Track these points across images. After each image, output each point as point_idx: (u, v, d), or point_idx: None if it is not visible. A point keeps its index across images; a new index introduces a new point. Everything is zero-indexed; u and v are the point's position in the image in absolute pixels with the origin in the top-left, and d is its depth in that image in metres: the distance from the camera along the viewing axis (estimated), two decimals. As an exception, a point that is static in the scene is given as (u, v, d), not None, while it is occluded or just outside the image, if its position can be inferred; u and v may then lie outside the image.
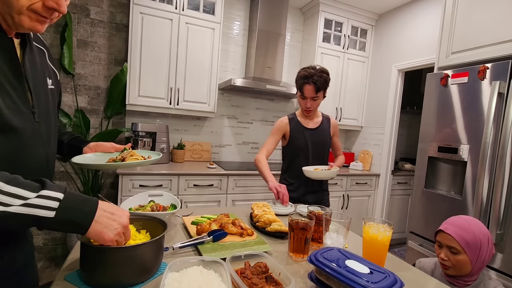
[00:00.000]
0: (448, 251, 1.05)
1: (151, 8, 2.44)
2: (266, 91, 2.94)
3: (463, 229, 1.04)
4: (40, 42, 0.83)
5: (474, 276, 1.05)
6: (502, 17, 1.68)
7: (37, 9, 0.63)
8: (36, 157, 0.73)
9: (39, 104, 0.74)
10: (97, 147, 1.03)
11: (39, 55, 0.79)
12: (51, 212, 0.56)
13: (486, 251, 1.02)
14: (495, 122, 1.60)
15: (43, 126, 0.76)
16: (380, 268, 0.72)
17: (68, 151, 1.00)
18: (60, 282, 0.69)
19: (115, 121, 2.77)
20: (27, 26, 0.64)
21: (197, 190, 2.46)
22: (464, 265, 1.02)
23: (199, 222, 1.08)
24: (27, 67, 0.71)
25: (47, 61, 0.84)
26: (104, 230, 0.62)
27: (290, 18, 3.33)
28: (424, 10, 2.84)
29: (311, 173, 1.62)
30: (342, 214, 0.98)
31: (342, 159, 1.85)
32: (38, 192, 0.56)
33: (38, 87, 0.75)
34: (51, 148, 0.80)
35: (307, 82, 1.62)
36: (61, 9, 0.65)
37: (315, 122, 1.78)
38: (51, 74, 0.84)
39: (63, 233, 2.63)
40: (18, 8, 0.61)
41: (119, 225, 0.64)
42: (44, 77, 0.79)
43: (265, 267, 0.77)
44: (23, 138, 0.68)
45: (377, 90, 3.34)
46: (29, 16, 0.63)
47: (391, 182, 3.28)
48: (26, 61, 0.72)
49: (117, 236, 0.64)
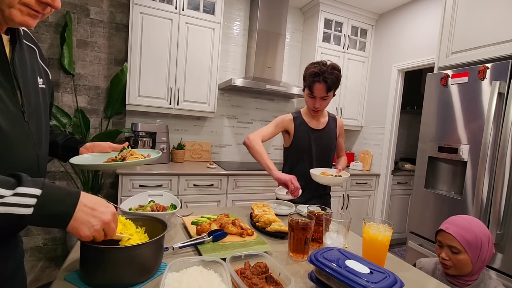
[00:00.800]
0: (449, 250, 1.05)
1: (151, 8, 2.44)
2: (266, 91, 2.94)
3: (464, 228, 1.04)
4: (31, 40, 0.79)
5: (474, 275, 1.05)
6: (502, 17, 1.68)
7: (29, 3, 0.60)
8: (26, 159, 0.70)
9: (29, 104, 0.71)
10: (94, 147, 1.01)
11: (29, 53, 0.76)
12: (29, 209, 0.53)
13: (487, 251, 1.02)
14: (495, 122, 1.60)
15: (33, 126, 0.72)
16: (380, 268, 0.72)
17: (64, 152, 0.97)
18: (60, 282, 0.69)
19: (115, 121, 2.77)
20: (18, 20, 0.61)
21: (197, 190, 2.46)
22: (465, 264, 1.02)
23: (199, 222, 1.08)
24: (17, 65, 0.68)
25: (38, 60, 0.81)
26: (81, 226, 0.59)
27: (290, 18, 3.33)
28: (424, 10, 2.84)
29: (321, 178, 1.47)
30: (342, 214, 0.98)
31: (345, 161, 1.76)
32: (14, 190, 0.53)
33: (28, 86, 0.71)
34: (42, 150, 0.76)
35: (318, 80, 1.47)
36: (54, 3, 0.63)
37: (321, 122, 1.66)
38: (42, 73, 0.80)
39: (63, 233, 2.63)
40: (9, 1, 0.58)
41: (98, 222, 0.61)
42: (34, 76, 0.76)
43: (265, 267, 0.77)
44: (11, 139, 0.65)
45: (377, 90, 3.34)
46: (20, 9, 0.60)
47: (391, 182, 3.28)
48: (16, 58, 0.68)
49: (95, 232, 0.61)
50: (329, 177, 1.48)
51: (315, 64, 1.52)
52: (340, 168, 1.58)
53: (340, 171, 1.56)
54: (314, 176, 1.48)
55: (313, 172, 1.49)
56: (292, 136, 1.64)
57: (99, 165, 0.93)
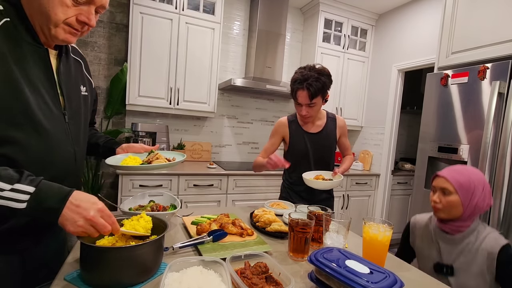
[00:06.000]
0: (441, 192, 1.06)
1: (151, 8, 2.44)
2: (266, 91, 2.94)
3: (458, 172, 1.06)
4: (78, 55, 0.94)
5: (467, 221, 1.05)
6: (502, 17, 1.68)
7: (71, 23, 0.72)
8: (64, 154, 0.81)
9: (70, 107, 0.84)
10: (129, 148, 1.11)
11: (75, 65, 0.90)
12: (22, 204, 0.61)
13: (481, 197, 1.02)
14: (495, 122, 1.60)
15: (73, 127, 0.84)
16: (380, 268, 0.72)
17: (104, 152, 1.10)
18: (60, 282, 0.69)
19: (115, 121, 2.77)
20: (61, 37, 0.73)
21: (197, 190, 2.46)
22: (455, 206, 1.03)
23: (199, 222, 1.08)
24: (62, 74, 0.81)
25: (83, 71, 0.95)
26: (65, 223, 0.64)
27: (290, 18, 3.33)
28: (424, 10, 2.84)
29: (313, 183, 1.45)
30: (342, 214, 0.98)
31: (350, 160, 1.68)
32: (13, 185, 0.62)
33: (70, 92, 0.84)
34: (79, 147, 0.88)
35: (300, 87, 1.42)
36: (91, 22, 0.75)
37: (317, 125, 1.61)
38: (86, 83, 0.94)
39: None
40: (55, 21, 0.70)
41: (81, 218, 0.64)
42: (77, 85, 0.89)
43: (265, 267, 0.77)
44: (53, 136, 0.76)
45: (377, 90, 3.34)
46: (64, 28, 0.72)
47: (391, 182, 3.28)
48: (61, 69, 0.81)
49: (79, 228, 0.64)
50: (320, 181, 1.45)
51: (302, 69, 1.47)
52: (337, 171, 1.54)
53: (335, 175, 1.51)
54: (306, 181, 1.46)
55: (305, 177, 1.47)
56: (288, 142, 1.63)
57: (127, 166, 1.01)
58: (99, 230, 0.66)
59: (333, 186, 1.50)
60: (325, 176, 1.52)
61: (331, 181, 1.47)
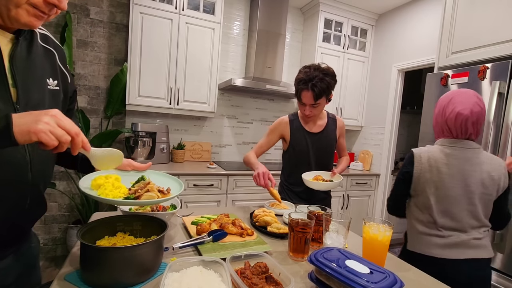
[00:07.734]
0: None
1: (151, 8, 2.44)
2: (266, 91, 2.94)
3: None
4: (52, 44, 0.80)
5: None
6: (502, 17, 1.68)
7: (37, 4, 0.61)
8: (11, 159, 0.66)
9: (27, 102, 0.68)
10: None
11: (44, 55, 0.76)
12: None
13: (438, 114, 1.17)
14: (495, 122, 1.60)
15: None
16: (380, 268, 0.72)
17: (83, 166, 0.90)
18: (60, 282, 0.69)
19: (115, 121, 2.77)
20: (23, 20, 0.61)
21: (197, 190, 2.46)
22: None
23: (199, 222, 1.08)
24: (16, 61, 0.67)
25: (57, 63, 0.80)
26: (30, 126, 0.54)
27: (290, 18, 3.33)
28: (424, 10, 2.84)
29: (312, 183, 1.46)
30: (342, 214, 0.98)
31: (346, 161, 1.69)
32: None
33: (30, 84, 0.70)
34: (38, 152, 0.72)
35: (305, 87, 1.41)
36: (61, 5, 0.64)
37: (318, 125, 1.60)
38: (57, 76, 0.79)
39: (63, 233, 2.63)
40: (16, 1, 0.59)
41: (43, 116, 0.55)
42: (43, 76, 0.74)
43: (265, 267, 0.77)
44: None
45: (377, 90, 3.34)
46: (27, 10, 0.61)
47: (391, 182, 3.27)
48: (17, 55, 0.67)
49: (47, 126, 0.55)
50: (320, 183, 1.46)
51: (307, 68, 1.44)
52: (336, 171, 1.54)
53: (334, 175, 1.52)
54: (306, 182, 1.47)
55: (305, 178, 1.48)
56: (289, 141, 1.61)
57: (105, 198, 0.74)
58: (68, 130, 0.58)
59: (334, 187, 1.51)
60: (324, 177, 1.53)
61: (332, 182, 1.48)
